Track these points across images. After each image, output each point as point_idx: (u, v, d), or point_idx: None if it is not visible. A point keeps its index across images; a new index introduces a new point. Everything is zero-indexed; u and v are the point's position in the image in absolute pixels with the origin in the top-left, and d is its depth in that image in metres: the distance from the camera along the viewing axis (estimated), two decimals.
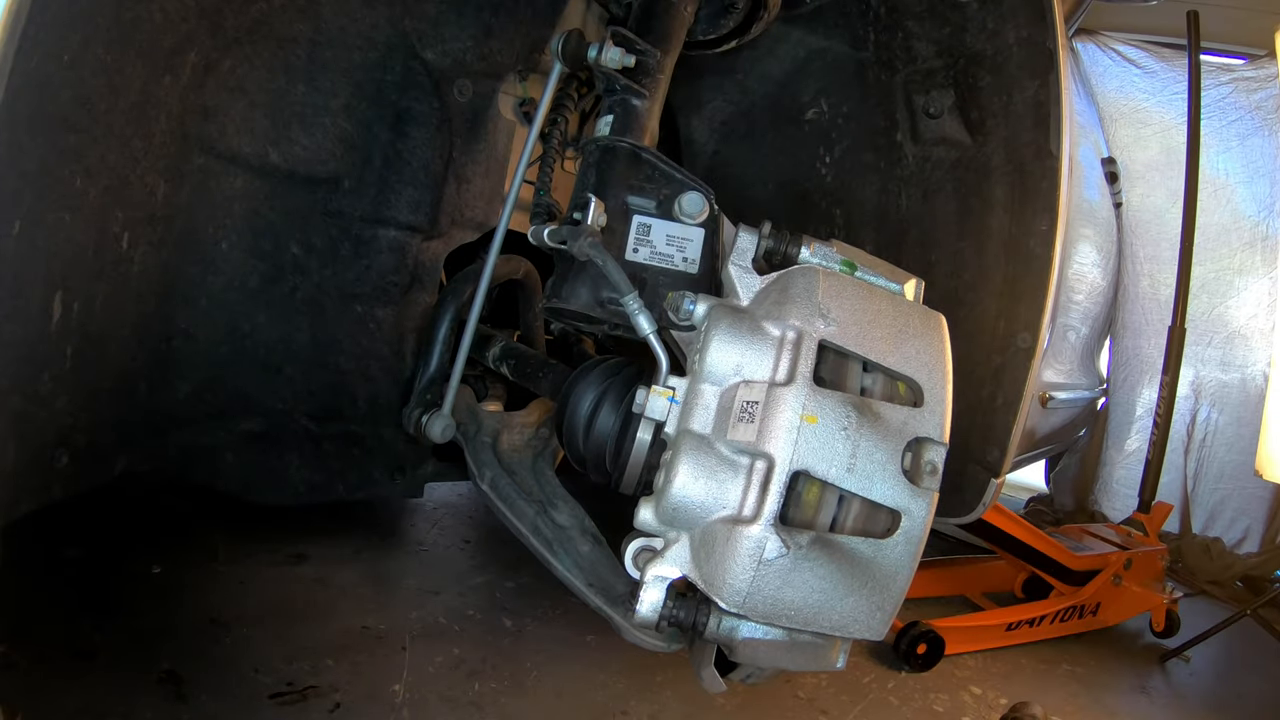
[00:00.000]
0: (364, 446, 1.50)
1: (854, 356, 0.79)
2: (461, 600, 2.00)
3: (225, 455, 1.37)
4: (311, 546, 2.08)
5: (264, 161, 1.26)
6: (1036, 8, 1.36)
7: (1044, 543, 2.78)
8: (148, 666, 1.45)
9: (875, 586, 0.75)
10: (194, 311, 1.28)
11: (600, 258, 0.95)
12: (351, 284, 1.40)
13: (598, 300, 1.02)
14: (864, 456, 0.74)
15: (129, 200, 1.08)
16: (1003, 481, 1.46)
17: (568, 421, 1.06)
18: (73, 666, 1.36)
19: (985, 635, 2.58)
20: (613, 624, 1.11)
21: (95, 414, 1.13)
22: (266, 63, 1.22)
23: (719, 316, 0.82)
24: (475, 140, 1.45)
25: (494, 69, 1.41)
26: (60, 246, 0.94)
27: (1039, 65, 1.37)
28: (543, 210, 1.16)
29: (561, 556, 1.23)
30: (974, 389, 1.35)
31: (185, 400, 1.30)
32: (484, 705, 1.62)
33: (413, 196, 1.39)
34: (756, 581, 0.73)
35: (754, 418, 0.76)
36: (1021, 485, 4.65)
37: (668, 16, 1.21)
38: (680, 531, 0.79)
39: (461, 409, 1.46)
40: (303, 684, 1.53)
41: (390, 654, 1.68)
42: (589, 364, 1.10)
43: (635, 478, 0.92)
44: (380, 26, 1.30)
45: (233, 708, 1.44)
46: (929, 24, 1.48)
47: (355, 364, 1.45)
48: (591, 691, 1.76)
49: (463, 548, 2.39)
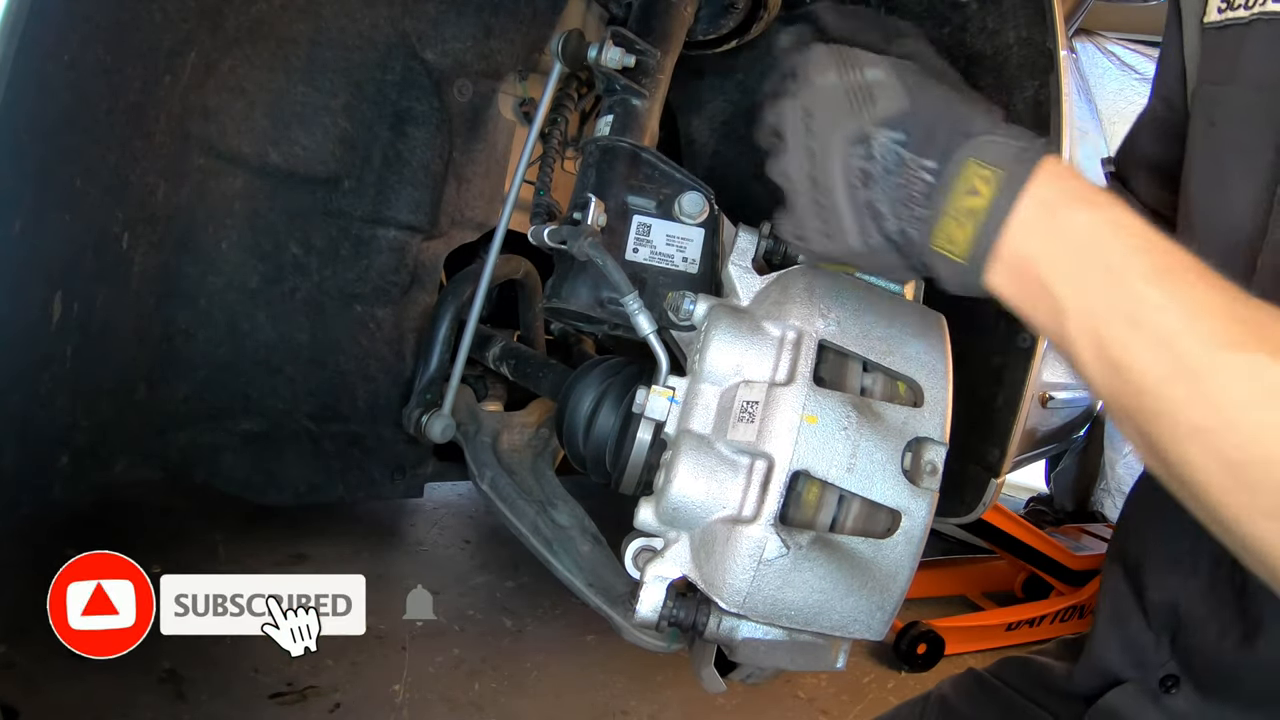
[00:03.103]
0: (364, 446, 1.50)
1: (854, 356, 0.79)
2: (461, 600, 2.00)
3: (225, 455, 1.37)
4: (311, 546, 2.08)
5: (264, 161, 1.26)
6: (1036, 8, 1.36)
7: (1044, 543, 2.78)
8: (148, 666, 1.45)
9: (875, 586, 0.75)
10: (194, 311, 1.28)
11: (600, 258, 0.95)
12: (351, 284, 1.40)
13: (598, 300, 1.02)
14: (864, 456, 0.74)
15: (129, 200, 1.08)
16: (1003, 481, 1.46)
17: (568, 421, 1.06)
18: (73, 666, 1.36)
19: (985, 635, 2.58)
20: (613, 624, 1.11)
21: (95, 414, 1.13)
22: (266, 63, 1.22)
23: (719, 316, 0.82)
24: (475, 140, 1.45)
25: (494, 69, 1.41)
26: (60, 246, 0.94)
27: (1039, 65, 1.36)
28: (543, 210, 1.16)
29: (561, 556, 1.23)
30: (974, 389, 1.35)
31: (185, 400, 1.30)
32: (484, 705, 1.62)
33: (413, 196, 1.39)
34: (756, 581, 0.73)
35: (754, 418, 0.76)
36: (1021, 485, 4.65)
37: (668, 16, 1.21)
38: (680, 531, 0.79)
39: (461, 409, 1.46)
40: (303, 684, 1.53)
41: (390, 654, 1.68)
42: (589, 364, 1.10)
43: (635, 478, 0.92)
44: (380, 26, 1.30)
45: (233, 708, 1.45)
46: (928, 24, 1.48)
47: (355, 364, 1.45)
48: (591, 691, 1.76)
49: (463, 548, 2.39)
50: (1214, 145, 0.77)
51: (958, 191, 0.57)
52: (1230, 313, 0.49)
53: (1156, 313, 0.50)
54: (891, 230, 0.61)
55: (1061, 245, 0.54)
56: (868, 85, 0.61)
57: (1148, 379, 0.50)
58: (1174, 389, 0.49)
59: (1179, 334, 0.49)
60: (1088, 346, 0.53)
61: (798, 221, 0.66)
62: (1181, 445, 0.50)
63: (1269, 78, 0.71)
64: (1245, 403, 0.47)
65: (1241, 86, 0.73)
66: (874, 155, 0.60)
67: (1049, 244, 0.55)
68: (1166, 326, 0.50)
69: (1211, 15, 0.77)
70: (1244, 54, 0.73)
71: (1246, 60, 0.73)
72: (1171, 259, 0.52)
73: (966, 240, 0.57)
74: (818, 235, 0.65)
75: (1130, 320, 0.51)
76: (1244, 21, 0.73)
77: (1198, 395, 0.48)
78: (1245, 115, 0.73)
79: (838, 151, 0.61)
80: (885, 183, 0.59)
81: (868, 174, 0.60)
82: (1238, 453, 0.47)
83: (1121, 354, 0.51)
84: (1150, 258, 0.52)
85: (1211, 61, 0.78)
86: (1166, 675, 0.79)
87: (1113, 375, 0.52)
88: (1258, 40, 0.72)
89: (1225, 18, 0.76)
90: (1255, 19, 0.72)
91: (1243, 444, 0.47)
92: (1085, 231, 0.54)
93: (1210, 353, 0.48)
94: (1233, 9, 0.75)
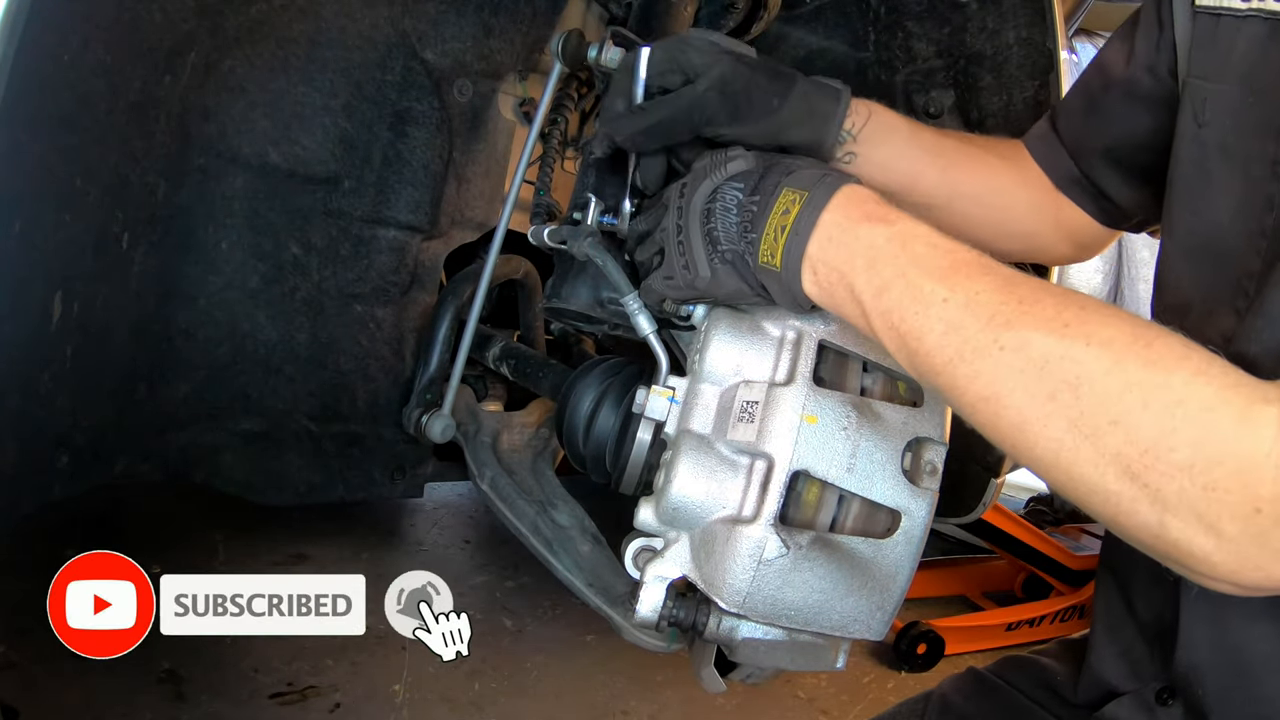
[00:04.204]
0: (364, 446, 1.50)
1: (854, 356, 0.79)
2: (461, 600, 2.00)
3: (225, 455, 1.37)
4: (311, 546, 2.08)
5: (264, 161, 1.26)
6: (1036, 8, 1.36)
7: (1044, 543, 2.78)
8: (148, 666, 1.45)
9: (875, 586, 0.75)
10: (194, 311, 1.28)
11: (600, 258, 0.95)
12: (351, 284, 1.40)
13: (598, 300, 1.02)
14: (864, 456, 0.74)
15: (129, 200, 1.08)
16: (1003, 481, 1.46)
17: (568, 421, 1.06)
18: (73, 666, 1.36)
19: (985, 635, 2.58)
20: (613, 624, 1.11)
21: (95, 414, 1.13)
22: (266, 63, 1.22)
23: (719, 316, 0.82)
24: (475, 140, 1.45)
25: (494, 69, 1.41)
26: (60, 246, 0.94)
27: (1039, 65, 1.37)
28: (543, 210, 1.16)
29: (561, 556, 1.23)
30: None
31: (185, 400, 1.30)
32: (484, 705, 1.62)
33: (412, 196, 1.39)
34: (756, 581, 0.73)
35: (754, 418, 0.76)
36: (1021, 485, 4.65)
37: (668, 16, 1.21)
38: (680, 531, 0.79)
39: (461, 409, 1.46)
40: (303, 684, 1.53)
41: (390, 654, 1.68)
42: (589, 364, 1.10)
43: (635, 478, 0.92)
44: (380, 26, 1.30)
45: (233, 708, 1.45)
46: (929, 24, 1.48)
47: (355, 364, 1.45)
48: (591, 691, 1.76)
49: (463, 548, 2.39)
50: (1200, 145, 0.76)
51: (775, 212, 0.68)
52: (1005, 296, 0.57)
53: (941, 305, 0.59)
54: (730, 255, 0.72)
55: (860, 253, 0.63)
56: (724, 160, 0.75)
57: (939, 360, 0.59)
58: (960, 367, 0.58)
59: (959, 321, 0.58)
60: (891, 339, 0.62)
61: (669, 266, 0.77)
62: (973, 413, 0.59)
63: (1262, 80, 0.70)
64: (1017, 374, 0.55)
65: (1232, 85, 0.72)
66: (720, 199, 0.73)
67: (849, 252, 0.64)
68: (950, 316, 0.58)
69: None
70: (1237, 51, 0.72)
71: (1239, 58, 0.72)
72: (956, 257, 0.61)
73: (780, 250, 0.67)
74: (681, 272, 0.76)
75: (921, 314, 0.59)
76: (1239, 14, 0.72)
77: (978, 370, 0.57)
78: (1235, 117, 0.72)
79: (697, 204, 0.74)
80: (725, 219, 0.72)
81: (711, 213, 0.73)
82: (1015, 415, 0.55)
83: (918, 344, 0.60)
84: (935, 259, 0.61)
85: (1202, 53, 0.76)
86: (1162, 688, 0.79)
87: (913, 359, 0.61)
88: (1252, 39, 0.71)
89: (1220, 5, 0.74)
90: (1251, 14, 0.71)
91: (1019, 408, 0.55)
92: (880, 240, 0.63)
93: (986, 333, 0.56)
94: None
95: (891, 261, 0.62)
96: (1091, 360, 0.53)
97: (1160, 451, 0.50)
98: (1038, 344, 0.55)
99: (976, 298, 0.58)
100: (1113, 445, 0.52)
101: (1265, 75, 0.70)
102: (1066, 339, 0.54)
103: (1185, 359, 0.52)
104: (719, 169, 0.75)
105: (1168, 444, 0.50)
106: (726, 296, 0.76)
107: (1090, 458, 0.53)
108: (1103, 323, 0.55)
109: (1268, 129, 0.70)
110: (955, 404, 0.61)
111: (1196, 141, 0.76)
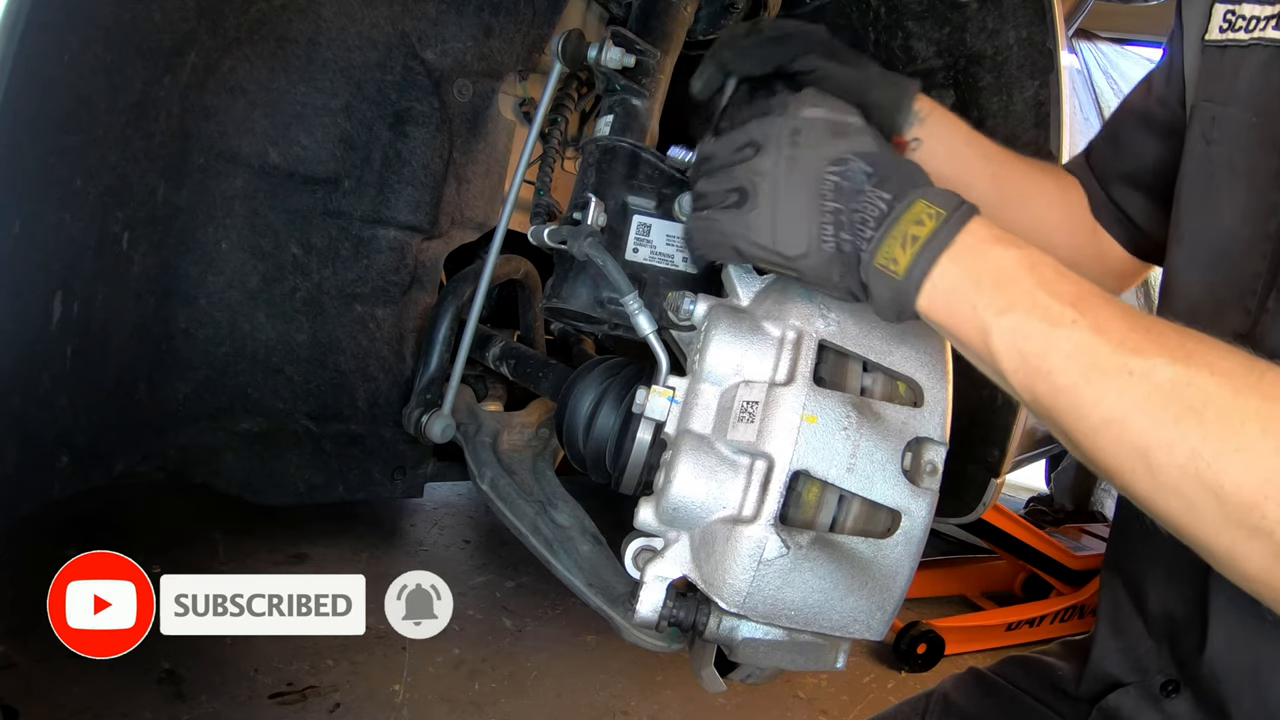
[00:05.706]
0: (364, 446, 1.50)
1: (854, 356, 0.79)
2: (462, 600, 2.00)
3: (225, 455, 1.37)
4: (311, 546, 2.08)
5: (264, 161, 1.26)
6: (1036, 8, 1.36)
7: (1044, 543, 2.78)
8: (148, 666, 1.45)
9: (875, 586, 0.75)
10: (194, 311, 1.28)
11: (600, 258, 0.95)
12: (351, 284, 1.40)
13: (598, 300, 1.02)
14: (864, 456, 0.74)
15: (129, 200, 1.08)
16: (1003, 481, 1.46)
17: (568, 421, 1.06)
18: (73, 666, 1.36)
19: (985, 635, 2.58)
20: (613, 624, 1.11)
21: (95, 414, 1.13)
22: (266, 63, 1.22)
23: (719, 316, 0.82)
24: (475, 140, 1.45)
25: (494, 69, 1.41)
26: (60, 246, 0.94)
27: (1039, 65, 1.37)
28: (543, 210, 1.16)
29: (561, 556, 1.23)
30: (974, 389, 1.34)
31: (185, 400, 1.30)
32: (484, 705, 1.62)
33: (413, 196, 1.39)
34: (756, 581, 0.73)
35: (754, 418, 0.76)
36: (1021, 485, 4.65)
37: (668, 16, 1.21)
38: (680, 531, 0.79)
39: (461, 409, 1.46)
40: (303, 684, 1.53)
41: (390, 654, 1.68)
42: (589, 364, 1.10)
43: (635, 478, 0.92)
44: (380, 26, 1.30)
45: (233, 708, 1.45)
46: (929, 24, 1.48)
47: (355, 364, 1.45)
48: (591, 691, 1.76)
49: (463, 548, 2.39)
50: (1208, 161, 0.81)
51: (906, 220, 0.67)
52: (1131, 325, 0.59)
53: (1070, 327, 0.60)
54: (843, 241, 0.70)
55: (988, 272, 0.64)
56: (847, 125, 0.73)
57: (1063, 380, 0.60)
58: (1085, 389, 0.59)
59: (1088, 343, 0.59)
60: (1012, 358, 0.63)
61: (753, 217, 0.73)
62: (1094, 436, 0.59)
63: (1266, 103, 0.76)
64: (1144, 398, 0.56)
65: (1239, 109, 0.79)
66: (846, 175, 0.69)
67: (977, 272, 0.65)
68: (1078, 338, 0.59)
69: (1213, 34, 0.82)
70: (1242, 78, 0.79)
71: (1244, 84, 0.78)
72: (1081, 287, 0.63)
73: (907, 260, 0.66)
74: (765, 232, 0.72)
75: (1048, 334, 0.60)
76: (1243, 44, 0.79)
77: (1104, 393, 0.58)
78: (1241, 137, 0.78)
79: (815, 165, 0.70)
80: (851, 202, 0.69)
81: (839, 188, 0.69)
82: (1139, 439, 0.56)
83: (1040, 362, 0.61)
84: (1063, 285, 0.62)
85: (1210, 80, 0.83)
86: (1167, 680, 0.81)
87: (1034, 379, 0.62)
88: (1255, 65, 0.77)
89: (1226, 38, 0.80)
90: (1254, 44, 0.78)
91: (1142, 432, 0.56)
92: (1009, 264, 0.64)
93: (1115, 357, 0.58)
94: (1234, 30, 0.80)
95: (1020, 282, 0.63)
96: (1215, 388, 0.55)
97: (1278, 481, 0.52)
98: (1165, 370, 0.56)
99: (1106, 324, 0.59)
100: (1234, 474, 0.53)
101: (1268, 98, 0.76)
102: (1192, 367, 0.56)
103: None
104: (844, 137, 0.72)
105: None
106: (809, 274, 0.73)
107: (1212, 486, 0.53)
108: (1220, 355, 0.57)
109: (1271, 145, 0.75)
110: (1070, 428, 0.61)
111: (1205, 158, 0.82)
